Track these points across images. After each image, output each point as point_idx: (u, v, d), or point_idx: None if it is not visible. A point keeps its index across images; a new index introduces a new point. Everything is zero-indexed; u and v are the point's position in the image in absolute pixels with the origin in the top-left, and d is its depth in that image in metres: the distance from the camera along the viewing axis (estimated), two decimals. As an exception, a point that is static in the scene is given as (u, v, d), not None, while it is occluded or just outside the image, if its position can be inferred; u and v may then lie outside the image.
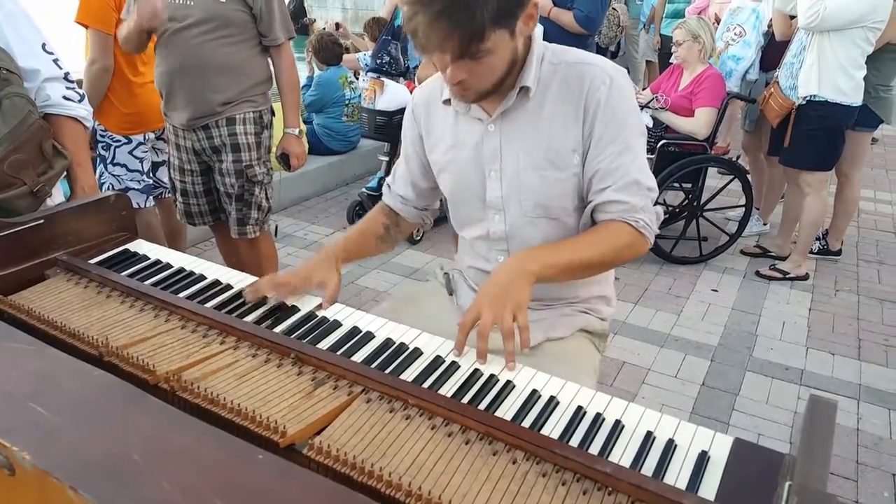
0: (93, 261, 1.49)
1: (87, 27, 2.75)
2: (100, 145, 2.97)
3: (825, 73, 3.30)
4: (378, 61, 4.73)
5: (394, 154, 4.47)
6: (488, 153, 1.41)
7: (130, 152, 3.02)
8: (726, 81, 4.37)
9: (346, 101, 5.10)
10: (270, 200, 2.83)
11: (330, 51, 5.11)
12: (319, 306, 1.37)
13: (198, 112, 2.61)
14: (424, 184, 1.61)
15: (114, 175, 3.01)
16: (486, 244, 1.52)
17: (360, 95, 5.17)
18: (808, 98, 3.38)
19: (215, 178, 2.75)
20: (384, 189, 1.70)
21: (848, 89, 3.30)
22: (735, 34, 4.46)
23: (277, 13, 2.58)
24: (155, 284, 1.39)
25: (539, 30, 1.37)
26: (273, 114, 2.79)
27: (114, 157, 3.00)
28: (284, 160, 2.87)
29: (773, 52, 4.33)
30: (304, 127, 4.11)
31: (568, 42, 1.44)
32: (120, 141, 2.98)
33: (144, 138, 3.04)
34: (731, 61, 4.46)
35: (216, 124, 2.63)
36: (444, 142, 1.49)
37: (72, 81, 1.85)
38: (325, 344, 1.22)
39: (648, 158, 3.76)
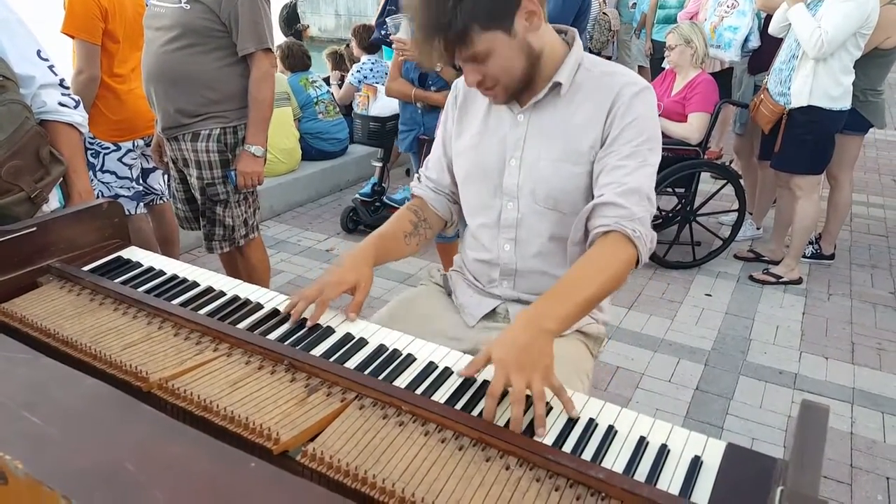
0: (86, 268, 1.48)
1: (73, 37, 2.76)
2: (88, 153, 2.96)
3: (817, 83, 3.34)
4: (383, 32, 4.72)
5: (387, 160, 4.48)
6: (512, 141, 1.46)
7: (119, 159, 3.02)
8: (726, 52, 4.49)
9: (315, 100, 5.12)
10: (241, 217, 2.72)
11: (298, 59, 5.21)
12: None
13: (165, 123, 2.57)
14: None
15: (103, 182, 3.02)
16: (492, 232, 1.53)
17: (326, 92, 5.23)
18: (799, 105, 3.41)
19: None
20: (414, 182, 1.69)
21: (837, 95, 3.34)
22: (728, 6, 4.51)
23: (245, 21, 2.40)
24: (148, 291, 1.39)
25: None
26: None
27: (103, 165, 3.00)
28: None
29: (761, 55, 4.36)
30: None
31: None
32: (109, 148, 2.98)
33: (133, 145, 3.04)
34: (728, 32, 4.49)
35: (183, 138, 2.56)
36: (473, 126, 1.54)
37: (67, 88, 1.86)
38: (318, 350, 1.22)
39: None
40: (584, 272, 1.28)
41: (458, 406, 1.07)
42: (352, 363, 1.18)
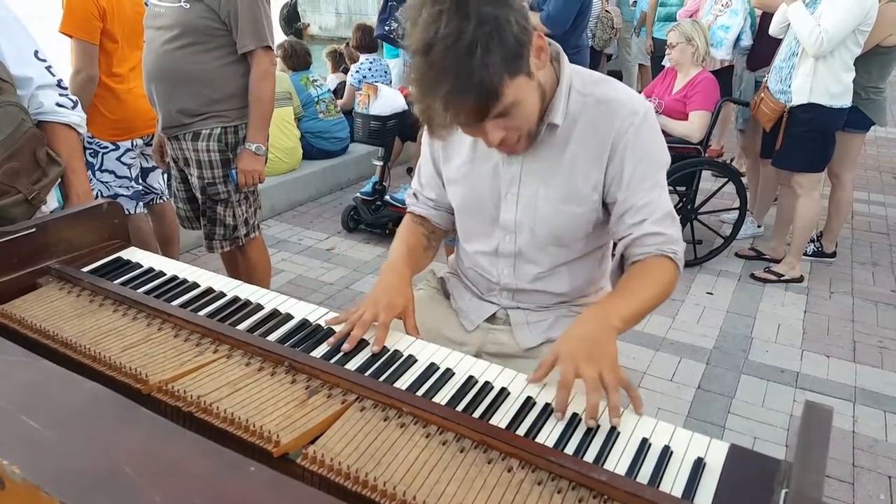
0: (85, 269, 1.48)
1: (71, 37, 2.75)
2: (87, 152, 2.95)
3: (818, 81, 3.34)
4: (386, 28, 4.69)
5: (388, 159, 4.47)
6: (507, 177, 1.41)
7: (118, 158, 3.01)
8: (718, 50, 4.60)
9: (316, 99, 5.10)
10: (242, 217, 2.71)
11: (301, 58, 5.18)
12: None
13: (166, 122, 2.56)
14: None
15: (102, 182, 3.01)
16: (490, 258, 1.51)
17: (327, 91, 5.21)
18: (800, 102, 3.40)
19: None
20: (410, 200, 1.64)
21: (837, 93, 3.34)
22: (722, 5, 4.63)
23: (244, 19, 2.39)
24: (148, 292, 1.39)
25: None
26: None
27: (102, 164, 2.99)
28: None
29: (759, 52, 4.36)
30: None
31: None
32: (107, 147, 2.97)
33: (132, 144, 3.03)
34: (720, 31, 4.61)
35: (184, 137, 2.55)
36: (462, 153, 1.47)
37: (65, 88, 1.85)
38: (318, 352, 1.21)
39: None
40: (640, 281, 1.33)
41: (460, 408, 1.07)
42: (352, 365, 1.18)
